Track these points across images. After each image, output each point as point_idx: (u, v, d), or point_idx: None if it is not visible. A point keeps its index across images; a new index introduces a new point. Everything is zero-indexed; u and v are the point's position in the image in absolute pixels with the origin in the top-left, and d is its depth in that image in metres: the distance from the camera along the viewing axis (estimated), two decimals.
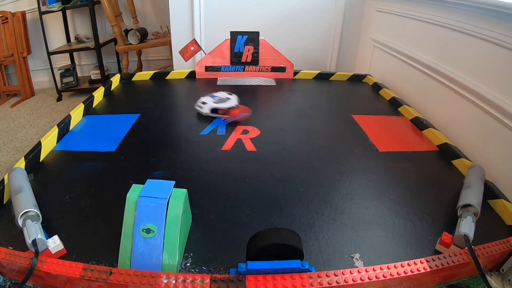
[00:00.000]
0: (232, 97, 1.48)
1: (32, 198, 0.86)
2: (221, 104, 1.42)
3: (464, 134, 1.31)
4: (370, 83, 2.00)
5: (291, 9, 2.25)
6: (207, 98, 1.47)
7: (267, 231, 0.66)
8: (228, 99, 1.45)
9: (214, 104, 1.43)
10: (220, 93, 1.51)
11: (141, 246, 0.69)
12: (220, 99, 1.46)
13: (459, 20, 1.33)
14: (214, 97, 1.47)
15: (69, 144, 1.27)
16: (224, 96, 1.49)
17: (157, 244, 0.69)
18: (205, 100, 1.47)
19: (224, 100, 1.45)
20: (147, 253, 0.69)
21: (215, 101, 1.44)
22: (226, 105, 1.41)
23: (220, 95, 1.49)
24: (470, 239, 0.73)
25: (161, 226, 0.70)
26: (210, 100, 1.45)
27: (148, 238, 0.69)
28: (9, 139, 2.26)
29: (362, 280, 0.64)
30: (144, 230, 0.69)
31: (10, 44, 2.78)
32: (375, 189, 1.02)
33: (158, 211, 0.70)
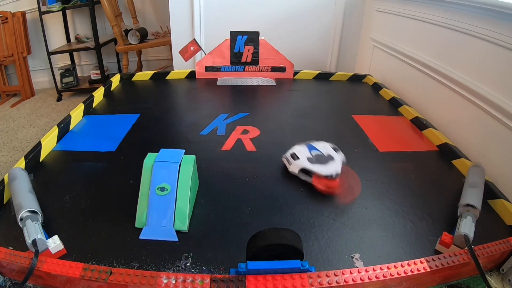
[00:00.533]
0: (337, 157, 1.04)
1: (33, 198, 0.86)
2: (317, 166, 0.99)
3: (464, 134, 1.31)
4: (370, 83, 2.00)
5: (291, 9, 2.25)
6: (302, 149, 1.06)
7: (267, 231, 0.66)
8: (330, 160, 1.02)
9: (309, 164, 1.01)
10: (323, 145, 1.09)
11: (157, 202, 0.82)
12: (319, 157, 1.03)
13: (459, 20, 1.33)
14: (312, 149, 1.05)
15: (69, 144, 1.27)
16: (325, 152, 1.05)
17: (171, 199, 0.83)
18: (299, 152, 1.05)
19: (324, 159, 1.02)
20: (162, 207, 0.82)
21: (312, 159, 1.02)
22: (324, 170, 0.98)
23: (321, 150, 1.06)
24: (470, 239, 0.73)
25: (173, 184, 0.84)
26: (305, 154, 1.04)
27: (162, 196, 0.83)
28: (9, 139, 2.26)
29: (362, 280, 0.64)
30: (159, 189, 0.83)
31: (10, 44, 2.78)
32: (375, 189, 1.02)
33: (171, 172, 0.84)
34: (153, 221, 0.82)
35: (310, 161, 1.02)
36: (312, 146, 1.08)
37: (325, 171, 0.98)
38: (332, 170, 0.98)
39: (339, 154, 1.06)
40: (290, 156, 1.06)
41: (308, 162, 1.01)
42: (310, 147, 1.07)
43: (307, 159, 1.02)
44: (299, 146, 1.08)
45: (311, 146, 1.08)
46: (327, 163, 1.01)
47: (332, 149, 1.08)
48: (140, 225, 0.83)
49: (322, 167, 0.99)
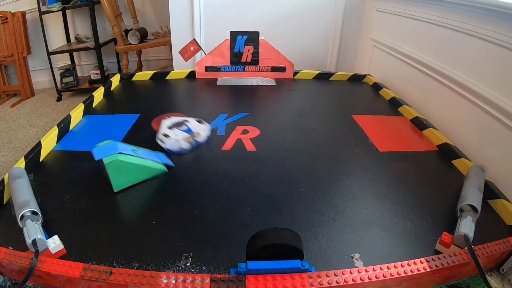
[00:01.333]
0: (192, 123, 1.23)
1: (32, 198, 0.86)
2: (184, 141, 1.17)
3: (464, 134, 1.31)
4: (370, 83, 2.00)
5: (291, 9, 2.25)
6: (172, 131, 1.18)
7: (267, 231, 0.66)
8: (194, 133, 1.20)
9: (179, 138, 1.17)
10: (190, 123, 1.23)
11: (142, 154, 1.02)
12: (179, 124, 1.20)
13: (459, 20, 1.33)
14: (181, 129, 1.20)
15: (69, 144, 1.27)
16: (191, 129, 1.21)
17: (142, 151, 1.04)
18: (168, 132, 1.17)
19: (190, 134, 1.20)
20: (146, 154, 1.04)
21: (181, 135, 1.17)
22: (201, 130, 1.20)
23: (189, 125, 1.22)
24: (470, 239, 0.73)
25: (129, 146, 1.01)
26: (175, 133, 1.17)
27: (137, 153, 1.00)
28: (9, 139, 2.26)
29: (362, 280, 0.64)
30: (134, 151, 1.00)
31: (10, 44, 2.78)
32: (375, 189, 1.02)
33: (121, 145, 0.99)
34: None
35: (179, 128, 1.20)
36: (181, 127, 1.22)
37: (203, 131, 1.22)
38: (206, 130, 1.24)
39: (190, 120, 1.25)
40: (163, 136, 1.18)
41: (178, 138, 1.17)
42: (180, 127, 1.21)
43: (175, 135, 1.17)
44: (168, 128, 1.20)
45: (180, 125, 1.22)
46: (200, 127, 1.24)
47: (184, 119, 1.26)
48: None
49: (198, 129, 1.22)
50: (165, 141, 1.16)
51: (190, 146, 1.19)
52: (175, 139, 1.16)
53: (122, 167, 0.94)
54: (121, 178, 0.97)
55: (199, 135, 1.22)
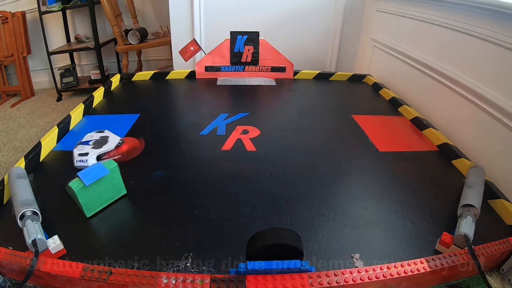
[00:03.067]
0: (108, 134, 1.23)
1: (32, 198, 0.86)
2: (105, 147, 1.15)
3: (464, 134, 1.31)
4: (370, 83, 2.00)
5: (291, 9, 2.25)
6: (82, 147, 1.15)
7: (267, 231, 0.66)
8: (106, 139, 1.19)
9: (97, 150, 1.14)
10: (90, 136, 1.22)
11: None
12: (97, 142, 1.18)
13: (459, 20, 1.33)
14: (88, 143, 1.17)
15: (69, 144, 1.26)
16: (97, 137, 1.21)
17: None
18: (82, 151, 1.14)
19: (102, 141, 1.19)
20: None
21: (94, 147, 1.15)
22: (110, 146, 1.17)
23: (92, 138, 1.20)
24: (470, 239, 0.73)
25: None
26: (88, 148, 1.15)
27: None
28: (9, 139, 2.26)
29: (362, 280, 0.64)
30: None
31: (10, 44, 2.78)
32: (375, 189, 1.02)
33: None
34: None
35: (96, 148, 1.15)
36: (83, 142, 1.19)
37: (112, 145, 1.17)
38: (114, 141, 1.18)
39: (106, 132, 1.24)
40: (80, 157, 1.12)
41: (96, 149, 1.14)
42: (84, 143, 1.18)
43: (92, 149, 1.14)
44: (77, 148, 1.15)
45: (84, 142, 1.18)
46: (108, 141, 1.18)
47: (97, 133, 1.23)
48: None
49: (108, 145, 1.17)
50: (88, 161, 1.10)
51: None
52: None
53: (88, 189, 0.86)
54: (90, 201, 0.88)
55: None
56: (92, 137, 1.21)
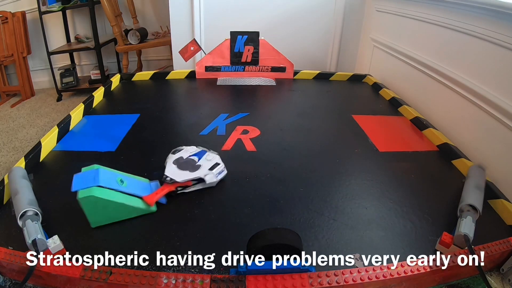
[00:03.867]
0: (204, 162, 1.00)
1: (32, 198, 0.86)
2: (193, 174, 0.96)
3: (464, 134, 1.31)
4: (370, 83, 2.00)
5: (291, 9, 2.25)
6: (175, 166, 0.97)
7: (267, 231, 0.66)
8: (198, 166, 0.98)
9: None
10: (186, 151, 1.03)
11: (132, 187, 0.88)
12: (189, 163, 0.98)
13: (459, 20, 1.33)
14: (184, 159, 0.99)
15: (69, 144, 1.27)
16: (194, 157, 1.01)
17: (131, 180, 0.91)
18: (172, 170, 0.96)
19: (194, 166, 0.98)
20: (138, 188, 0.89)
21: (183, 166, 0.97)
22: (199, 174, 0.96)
23: (187, 154, 1.02)
24: (470, 239, 0.73)
25: (117, 175, 0.88)
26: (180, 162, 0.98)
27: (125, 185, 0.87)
28: (9, 139, 2.26)
29: (362, 280, 0.64)
30: (120, 181, 0.87)
31: (10, 44, 2.77)
32: (375, 189, 1.02)
33: (107, 173, 0.86)
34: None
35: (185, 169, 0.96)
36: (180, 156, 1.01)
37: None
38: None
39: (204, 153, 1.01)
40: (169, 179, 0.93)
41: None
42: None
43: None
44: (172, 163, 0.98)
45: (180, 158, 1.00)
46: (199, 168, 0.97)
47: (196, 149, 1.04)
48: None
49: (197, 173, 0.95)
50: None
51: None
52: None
53: (99, 204, 0.79)
54: (98, 215, 0.82)
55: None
56: (186, 153, 1.01)
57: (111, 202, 0.81)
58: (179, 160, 0.98)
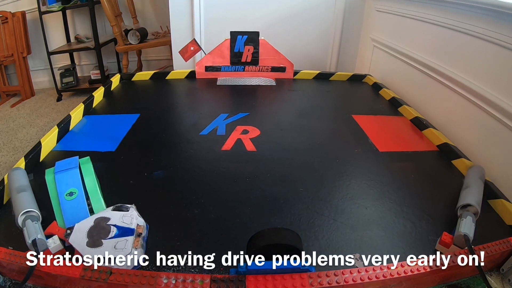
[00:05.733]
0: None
1: (32, 198, 0.86)
2: None
3: (464, 134, 1.31)
4: (370, 83, 2.00)
5: (291, 9, 2.25)
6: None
7: (267, 231, 0.66)
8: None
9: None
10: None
11: (69, 207, 0.82)
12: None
13: (459, 20, 1.33)
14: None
15: (69, 144, 1.27)
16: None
17: (80, 201, 0.83)
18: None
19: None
20: (76, 210, 0.82)
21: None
22: None
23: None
24: (470, 239, 0.73)
25: (79, 186, 0.84)
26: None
27: (73, 200, 0.82)
28: (9, 139, 2.26)
29: (362, 280, 0.64)
30: (68, 194, 0.83)
31: (10, 44, 2.77)
32: (375, 189, 1.02)
33: (74, 177, 0.85)
34: (69, 223, 0.78)
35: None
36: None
37: None
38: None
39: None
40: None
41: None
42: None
43: None
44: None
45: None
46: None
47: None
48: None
49: None
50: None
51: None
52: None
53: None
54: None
55: (141, 228, 0.79)
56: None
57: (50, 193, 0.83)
58: (100, 222, 0.78)
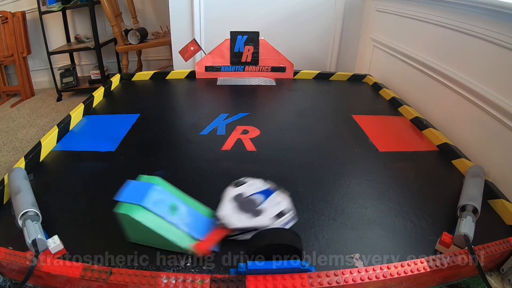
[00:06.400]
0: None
1: (32, 198, 0.86)
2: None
3: (464, 134, 1.31)
4: (370, 83, 2.00)
5: (291, 9, 2.25)
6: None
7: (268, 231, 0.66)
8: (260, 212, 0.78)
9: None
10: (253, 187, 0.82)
11: (182, 222, 0.76)
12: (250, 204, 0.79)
13: (459, 20, 1.33)
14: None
15: (69, 144, 1.27)
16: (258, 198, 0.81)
17: (186, 209, 0.79)
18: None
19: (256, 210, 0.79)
20: (189, 219, 0.76)
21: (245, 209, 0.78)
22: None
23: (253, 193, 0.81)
24: (470, 239, 0.73)
25: (170, 199, 0.78)
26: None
27: (179, 215, 0.76)
28: (9, 139, 2.26)
29: (362, 280, 0.64)
30: (172, 212, 0.75)
31: (10, 44, 2.78)
32: (375, 189, 1.02)
33: (160, 194, 0.77)
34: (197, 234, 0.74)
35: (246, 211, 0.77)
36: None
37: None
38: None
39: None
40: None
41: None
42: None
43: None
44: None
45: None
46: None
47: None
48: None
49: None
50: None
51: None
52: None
53: (136, 225, 0.71)
54: (135, 234, 0.76)
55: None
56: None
57: (149, 230, 0.70)
58: (239, 198, 0.79)
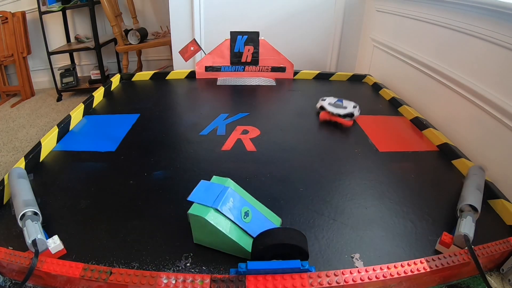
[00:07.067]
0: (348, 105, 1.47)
1: (32, 198, 0.86)
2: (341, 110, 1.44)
3: (464, 134, 1.31)
4: (370, 83, 2.00)
5: (291, 9, 2.25)
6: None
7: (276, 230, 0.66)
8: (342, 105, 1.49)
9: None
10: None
11: (253, 228, 0.75)
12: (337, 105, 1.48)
13: (459, 20, 1.33)
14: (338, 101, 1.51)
15: (69, 144, 1.27)
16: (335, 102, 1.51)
17: (258, 216, 0.79)
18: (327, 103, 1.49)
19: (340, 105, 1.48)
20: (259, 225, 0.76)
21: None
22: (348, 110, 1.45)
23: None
24: (470, 239, 0.73)
25: (243, 204, 0.78)
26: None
27: (251, 220, 0.77)
28: (9, 139, 2.26)
29: (362, 280, 0.64)
30: (244, 217, 0.76)
31: (10, 44, 2.78)
32: (375, 189, 1.02)
33: (235, 198, 0.78)
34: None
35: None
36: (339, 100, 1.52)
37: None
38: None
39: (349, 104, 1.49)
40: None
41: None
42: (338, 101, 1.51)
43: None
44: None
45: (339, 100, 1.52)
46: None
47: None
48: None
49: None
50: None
51: None
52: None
53: (207, 227, 0.72)
54: (203, 235, 0.77)
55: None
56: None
57: (221, 233, 0.71)
58: (331, 102, 1.50)
